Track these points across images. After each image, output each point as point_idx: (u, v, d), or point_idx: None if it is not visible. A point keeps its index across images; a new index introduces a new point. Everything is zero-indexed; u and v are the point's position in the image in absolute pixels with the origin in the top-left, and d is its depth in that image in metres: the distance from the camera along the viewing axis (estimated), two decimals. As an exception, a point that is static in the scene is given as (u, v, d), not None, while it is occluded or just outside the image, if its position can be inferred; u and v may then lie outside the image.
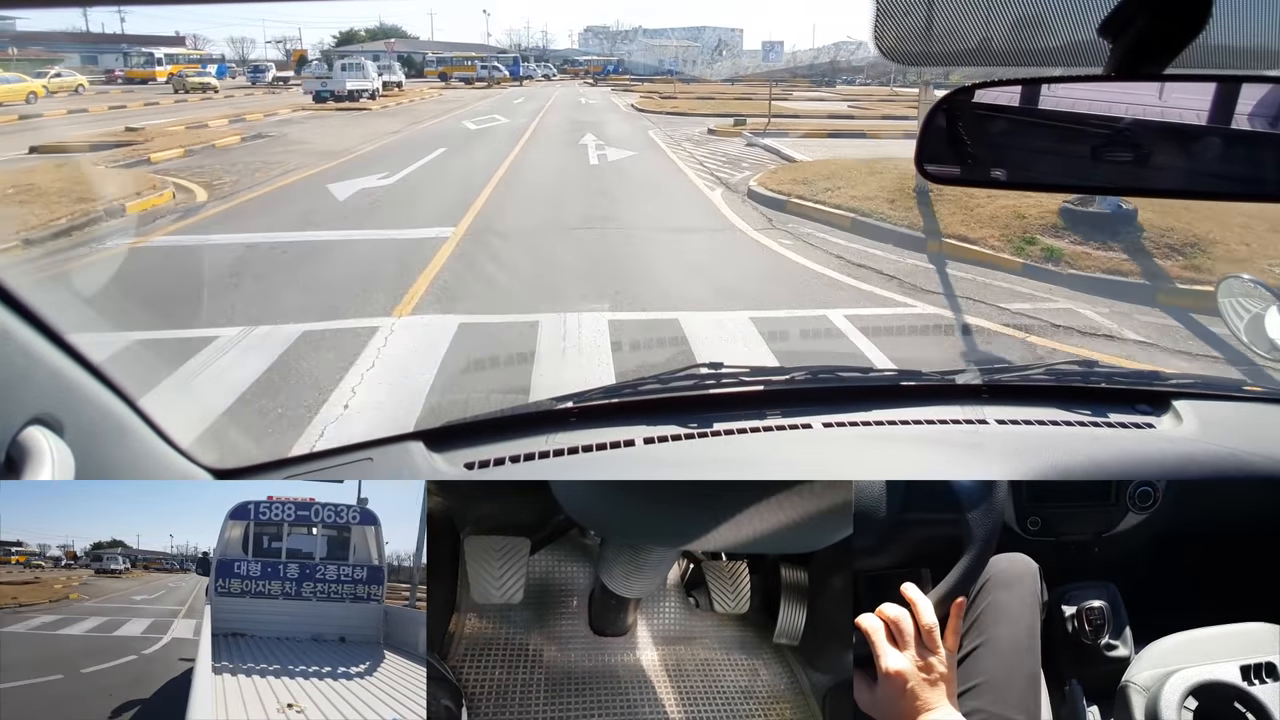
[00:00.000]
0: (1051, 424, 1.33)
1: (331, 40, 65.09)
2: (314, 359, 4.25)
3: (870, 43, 0.93)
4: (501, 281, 5.86)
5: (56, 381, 0.89)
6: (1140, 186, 0.91)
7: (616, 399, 1.36)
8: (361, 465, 1.24)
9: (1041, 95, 0.92)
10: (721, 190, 10.09)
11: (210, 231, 7.43)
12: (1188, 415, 1.37)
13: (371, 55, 39.57)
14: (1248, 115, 0.85)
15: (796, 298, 5.58)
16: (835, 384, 1.42)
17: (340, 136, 16.30)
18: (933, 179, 0.97)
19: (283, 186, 10.18)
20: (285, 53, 39.97)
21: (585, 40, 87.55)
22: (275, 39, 59.20)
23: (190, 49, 49.32)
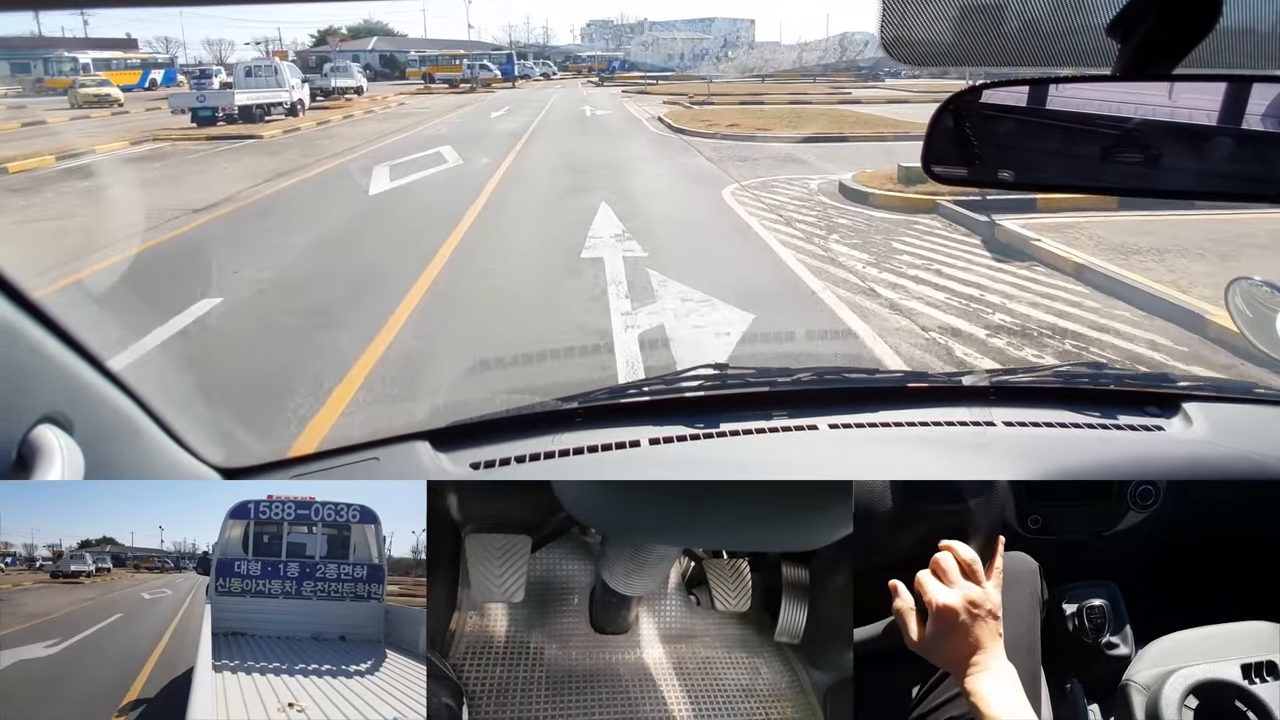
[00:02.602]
0: (1059, 426, 1.33)
1: (309, 40, 63.00)
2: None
3: (876, 39, 0.92)
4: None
5: (67, 380, 0.90)
6: (1150, 187, 0.91)
7: (622, 400, 1.36)
8: (368, 464, 1.24)
9: (1049, 95, 0.92)
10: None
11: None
12: (1198, 418, 1.36)
13: (322, 57, 36.81)
14: (1259, 116, 0.85)
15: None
16: (841, 385, 1.42)
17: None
18: (940, 180, 0.97)
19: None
20: (266, 54, 38.32)
21: (589, 35, 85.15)
22: (255, 40, 57.13)
23: (140, 53, 44.42)
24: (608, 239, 7.05)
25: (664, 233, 7.41)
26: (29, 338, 0.85)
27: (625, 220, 7.84)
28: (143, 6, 0.94)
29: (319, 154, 14.73)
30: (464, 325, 5.03)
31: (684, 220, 8.20)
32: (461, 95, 36.76)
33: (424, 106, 27.92)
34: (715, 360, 1.61)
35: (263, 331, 5.00)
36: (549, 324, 5.00)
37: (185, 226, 8.31)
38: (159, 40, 58.22)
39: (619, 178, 10.84)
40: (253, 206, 9.59)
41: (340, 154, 14.75)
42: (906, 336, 4.79)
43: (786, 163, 12.44)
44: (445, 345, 4.64)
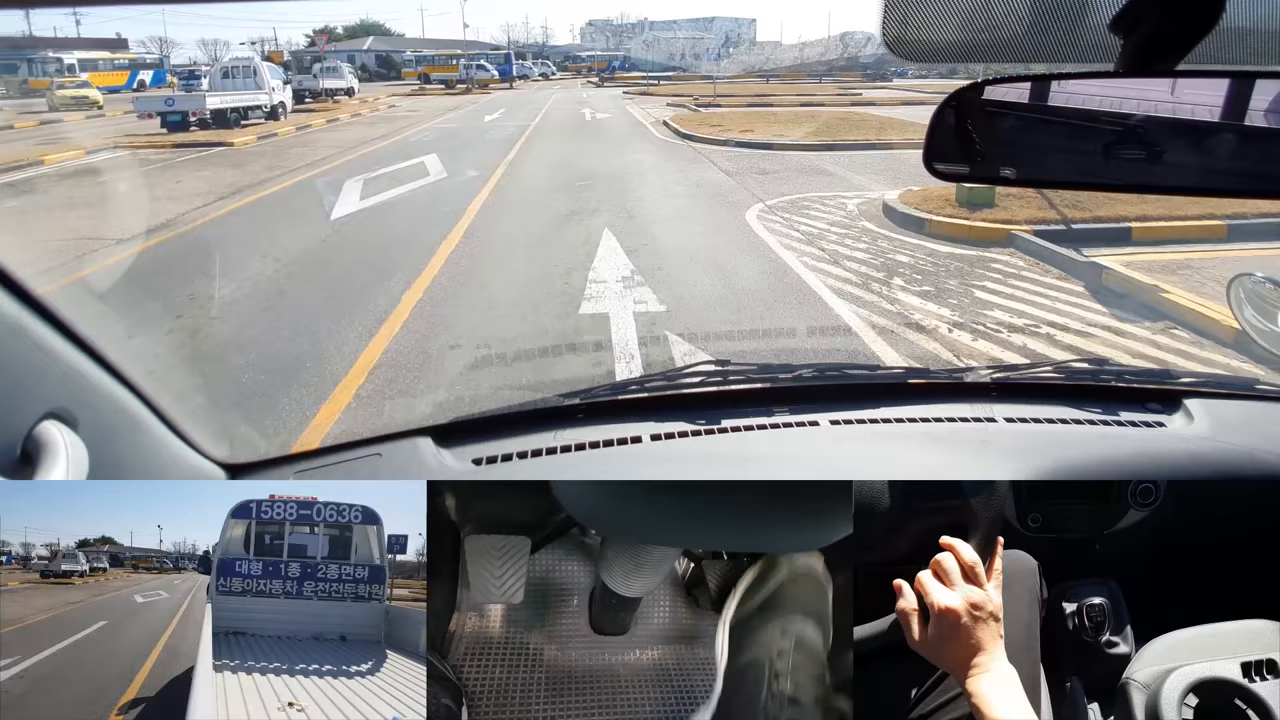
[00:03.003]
0: (1061, 422, 1.33)
1: (304, 40, 61.07)
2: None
3: (878, 38, 0.92)
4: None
5: (72, 377, 0.90)
6: (1152, 183, 0.91)
7: (624, 396, 1.36)
8: (371, 461, 1.24)
9: (1052, 92, 0.92)
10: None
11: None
12: (1199, 414, 1.37)
13: (315, 57, 33.86)
14: (1262, 111, 0.85)
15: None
16: (842, 381, 1.42)
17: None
18: (942, 177, 0.97)
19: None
20: (263, 54, 37.63)
21: (588, 35, 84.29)
22: (252, 39, 56.03)
23: (130, 53, 42.82)
24: (614, 284, 5.70)
25: (682, 274, 6.00)
26: (33, 334, 0.85)
27: (634, 255, 6.49)
28: (133, 5, 0.94)
29: (289, 165, 13.17)
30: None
31: (705, 257, 6.58)
32: (457, 96, 35.17)
33: (415, 109, 26.18)
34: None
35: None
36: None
37: (86, 269, 6.48)
38: (153, 40, 57.06)
39: (624, 196, 9.52)
40: (185, 237, 7.84)
41: (312, 165, 13.15)
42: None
43: (813, 176, 10.94)
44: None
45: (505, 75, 45.50)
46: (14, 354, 0.82)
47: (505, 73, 45.91)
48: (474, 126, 19.26)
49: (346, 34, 63.46)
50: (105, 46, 43.24)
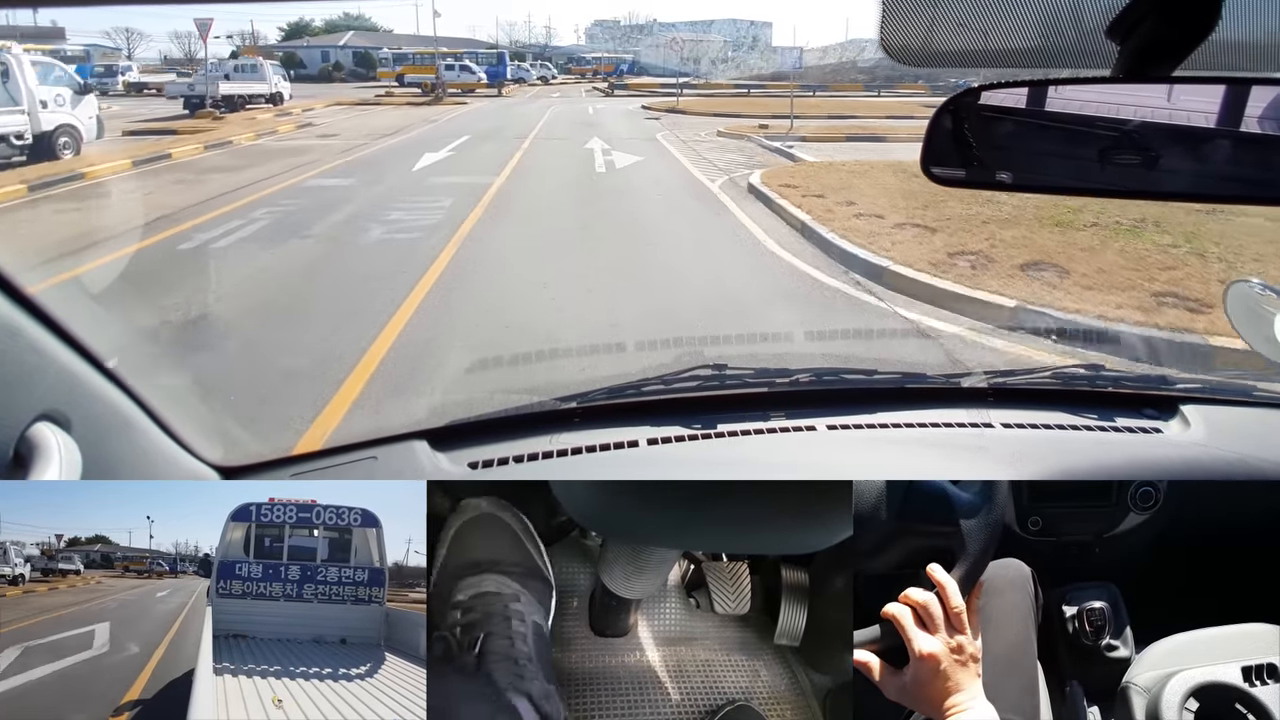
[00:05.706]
0: (1057, 428, 1.33)
1: (278, 34, 56.36)
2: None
3: (876, 43, 0.92)
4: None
5: (65, 378, 0.89)
6: (1148, 189, 0.91)
7: (620, 400, 1.36)
8: (366, 464, 1.24)
9: (1049, 97, 0.92)
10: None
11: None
12: (1195, 420, 1.36)
13: (232, 53, 26.50)
14: (1257, 118, 0.85)
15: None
16: (839, 386, 1.42)
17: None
18: (938, 181, 0.97)
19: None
20: (238, 48, 34.67)
21: (594, 36, 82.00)
22: (227, 34, 52.74)
23: (68, 44, 34.87)
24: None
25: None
26: (26, 334, 0.85)
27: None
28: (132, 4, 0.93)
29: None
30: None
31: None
32: (424, 107, 26.10)
33: (335, 130, 18.24)
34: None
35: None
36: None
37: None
38: (118, 31, 51.65)
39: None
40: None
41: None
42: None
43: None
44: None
45: (495, 79, 37.23)
46: (8, 355, 0.82)
47: (496, 75, 37.72)
48: (369, 194, 9.34)
49: (327, 28, 58.18)
50: (40, 37, 39.16)
